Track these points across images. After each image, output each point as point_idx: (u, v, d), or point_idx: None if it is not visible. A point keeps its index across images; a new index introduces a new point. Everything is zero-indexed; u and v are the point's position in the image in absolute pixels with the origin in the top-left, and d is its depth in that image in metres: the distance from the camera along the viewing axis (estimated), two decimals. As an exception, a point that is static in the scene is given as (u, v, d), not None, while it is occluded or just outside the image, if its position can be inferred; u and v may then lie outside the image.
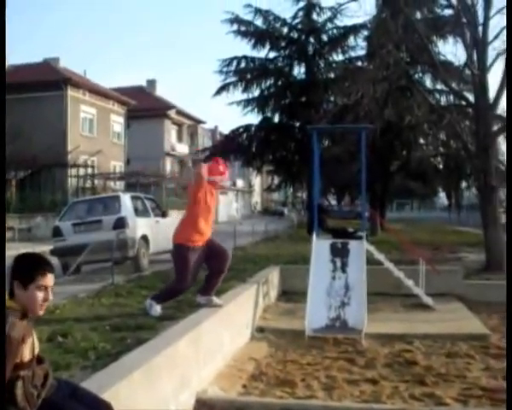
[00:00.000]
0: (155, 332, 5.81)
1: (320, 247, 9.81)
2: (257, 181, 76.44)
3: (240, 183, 69.02)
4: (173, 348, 4.88)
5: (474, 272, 13.81)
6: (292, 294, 11.18)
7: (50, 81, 37.86)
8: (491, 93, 15.19)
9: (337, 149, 28.59)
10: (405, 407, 5.37)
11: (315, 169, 10.49)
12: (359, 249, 9.77)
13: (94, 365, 4.70)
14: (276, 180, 46.97)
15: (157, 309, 6.99)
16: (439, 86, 26.73)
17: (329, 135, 28.08)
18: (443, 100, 27.06)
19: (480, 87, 15.10)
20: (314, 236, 10.02)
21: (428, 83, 27.75)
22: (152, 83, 61.09)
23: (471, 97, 16.57)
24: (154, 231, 14.55)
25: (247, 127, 35.68)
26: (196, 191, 7.23)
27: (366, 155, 10.79)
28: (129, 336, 5.82)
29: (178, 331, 5.46)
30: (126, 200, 14.26)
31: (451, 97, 24.01)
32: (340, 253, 9.69)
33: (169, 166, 55.88)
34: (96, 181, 39.91)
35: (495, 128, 16.23)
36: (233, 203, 65.58)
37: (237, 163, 44.29)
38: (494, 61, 15.43)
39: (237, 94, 35.20)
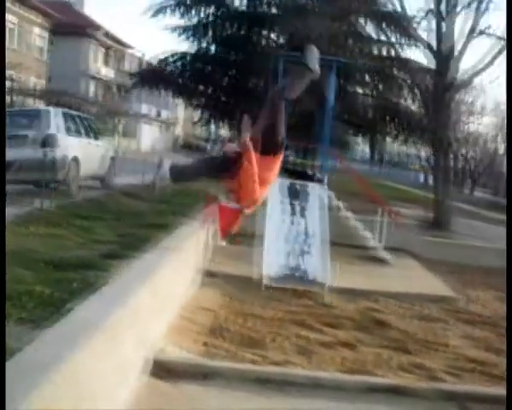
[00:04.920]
0: (103, 273, 4.73)
1: (277, 188, 8.85)
2: (181, 114, 74.50)
3: (164, 113, 66.81)
4: (134, 299, 3.83)
5: (420, 229, 13.35)
6: (239, 235, 10.26)
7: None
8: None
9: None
10: (405, 382, 4.58)
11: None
12: (320, 193, 8.93)
13: (32, 316, 3.56)
14: (204, 115, 45.39)
15: None
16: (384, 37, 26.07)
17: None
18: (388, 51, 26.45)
19: (442, 36, 14.48)
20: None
21: (373, 32, 27.05)
22: (80, -1, 57.56)
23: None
24: (86, 154, 13.09)
25: (180, 56, 33.94)
26: None
27: (335, 91, 9.85)
28: (72, 277, 4.68)
29: (134, 277, 4.36)
30: (57, 115, 12.67)
31: (396, 49, 23.52)
32: (298, 196, 8.82)
33: (93, 89, 53.21)
34: (14, 97, 37.21)
35: (455, 81, 15.68)
36: (156, 134, 63.55)
37: (163, 92, 42.45)
38: (455, 9, 14.90)
39: (174, 20, 33.32)
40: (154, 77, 34.59)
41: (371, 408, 4.16)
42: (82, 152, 12.84)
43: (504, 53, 15.66)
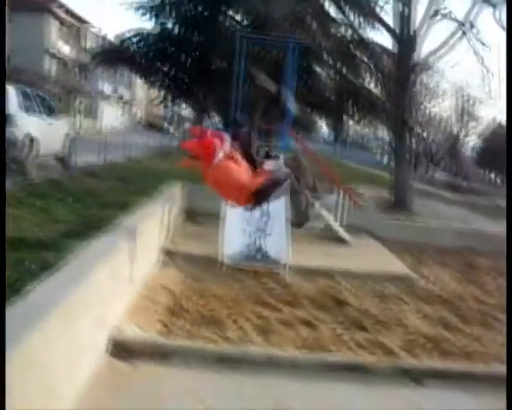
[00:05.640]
0: (61, 253, 4.66)
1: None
2: (142, 93, 73.61)
3: (125, 93, 65.93)
4: (92, 279, 3.79)
5: (379, 210, 13.49)
6: (197, 214, 10.24)
7: None
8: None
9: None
10: (362, 359, 4.65)
11: (236, 81, 9.39)
12: (276, 168, 8.90)
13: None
14: (167, 96, 44.88)
15: None
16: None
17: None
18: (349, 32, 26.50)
19: (405, 19, 14.57)
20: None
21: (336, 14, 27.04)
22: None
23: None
24: (45, 133, 12.84)
25: (142, 35, 33.47)
26: None
27: (296, 72, 9.83)
28: (29, 257, 4.61)
29: (93, 257, 4.30)
30: (14, 93, 12.39)
31: (359, 32, 23.59)
32: (258, 176, 8.78)
33: (53, 67, 52.12)
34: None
35: (417, 64, 15.82)
36: (117, 114, 62.70)
37: (125, 72, 41.92)
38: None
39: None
40: (115, 56, 34.13)
41: (329, 386, 4.21)
42: (41, 131, 12.62)
43: (465, 38, 15.90)
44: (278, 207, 8.34)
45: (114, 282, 4.47)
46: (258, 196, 5.29)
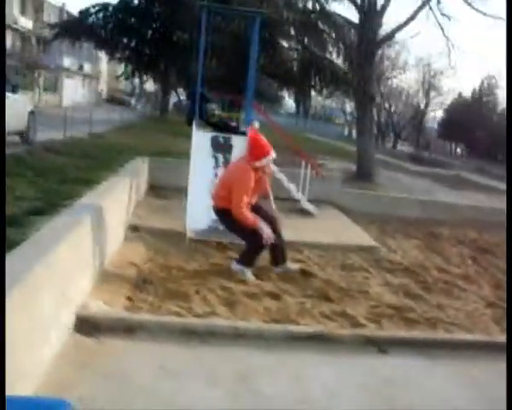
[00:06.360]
0: (24, 229, 4.60)
1: (200, 139, 8.75)
2: (104, 67, 72.48)
3: (87, 67, 64.78)
4: (55, 255, 3.74)
5: (343, 181, 13.57)
6: (161, 189, 10.17)
7: None
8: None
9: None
10: (323, 329, 4.70)
11: (200, 53, 9.26)
12: (243, 145, 8.88)
13: None
14: (129, 68, 44.22)
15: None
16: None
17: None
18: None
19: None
20: (194, 127, 8.93)
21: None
22: None
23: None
24: (9, 110, 12.53)
25: (103, 7, 32.90)
26: None
27: (259, 44, 9.75)
28: (-10, 233, 4.55)
29: (55, 233, 4.24)
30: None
31: (321, 3, 23.52)
32: (222, 148, 8.74)
33: (10, 41, 50.90)
34: None
35: (378, 36, 15.84)
36: (79, 89, 61.62)
37: (85, 45, 41.13)
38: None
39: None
40: (75, 28, 33.54)
41: (294, 355, 4.25)
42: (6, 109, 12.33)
43: (426, 8, 15.97)
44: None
45: (78, 258, 4.43)
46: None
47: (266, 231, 6.06)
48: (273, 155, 6.40)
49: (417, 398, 3.90)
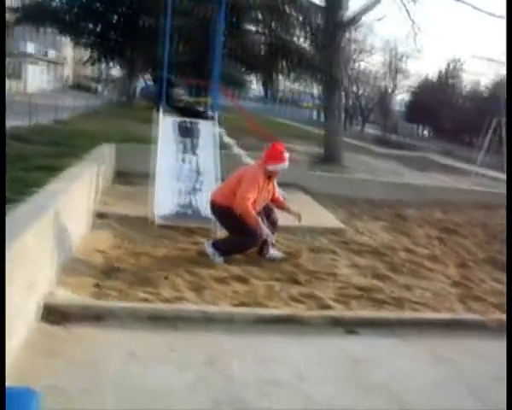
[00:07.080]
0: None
1: (167, 125, 8.73)
2: (69, 53, 71.37)
3: (51, 53, 63.74)
4: (21, 243, 3.69)
5: (311, 164, 13.62)
6: (128, 175, 10.08)
7: None
8: None
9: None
10: (292, 311, 4.74)
11: (166, 37, 9.19)
12: (210, 130, 8.87)
13: None
14: (94, 54, 43.52)
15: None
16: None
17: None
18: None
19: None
20: (160, 113, 8.88)
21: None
22: None
23: None
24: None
25: (66, -10, 32.21)
26: None
27: (225, 28, 9.71)
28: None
29: (21, 221, 4.18)
30: None
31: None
32: (189, 133, 8.72)
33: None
34: None
35: (345, 18, 15.88)
36: (43, 75, 60.65)
37: (50, 30, 40.27)
38: None
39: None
40: (39, 13, 32.78)
41: (262, 338, 4.28)
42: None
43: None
44: (209, 163, 8.33)
45: (44, 246, 4.39)
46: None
47: (266, 232, 6.23)
48: (286, 164, 6.49)
49: (387, 377, 3.95)
